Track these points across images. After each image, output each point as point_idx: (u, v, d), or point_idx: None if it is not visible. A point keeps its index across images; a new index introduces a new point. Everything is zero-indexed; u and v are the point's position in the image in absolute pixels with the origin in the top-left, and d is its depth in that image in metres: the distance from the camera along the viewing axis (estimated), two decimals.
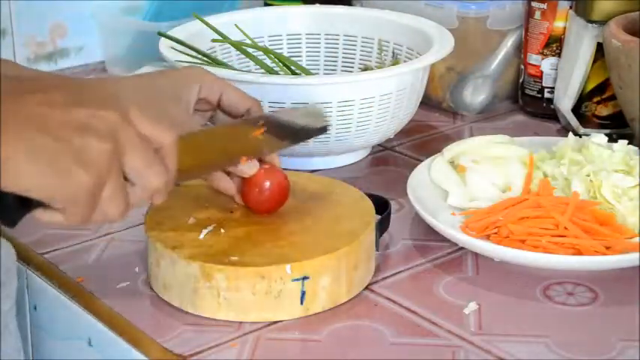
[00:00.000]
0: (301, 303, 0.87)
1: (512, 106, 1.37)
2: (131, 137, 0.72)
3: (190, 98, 0.96)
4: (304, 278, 0.86)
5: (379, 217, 0.97)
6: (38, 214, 0.71)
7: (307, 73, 1.23)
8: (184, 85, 0.96)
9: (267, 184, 0.92)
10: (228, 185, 0.94)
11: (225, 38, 1.21)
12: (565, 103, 1.26)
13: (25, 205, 0.70)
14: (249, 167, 0.92)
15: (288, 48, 1.31)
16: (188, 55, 1.15)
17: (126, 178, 0.73)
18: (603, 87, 1.23)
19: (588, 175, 1.00)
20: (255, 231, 0.91)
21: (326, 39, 1.31)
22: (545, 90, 1.31)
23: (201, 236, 0.90)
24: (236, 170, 0.92)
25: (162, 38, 1.18)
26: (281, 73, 1.21)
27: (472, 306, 0.89)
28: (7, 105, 0.68)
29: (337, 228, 0.91)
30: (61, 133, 0.68)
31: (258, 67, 1.22)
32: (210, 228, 0.91)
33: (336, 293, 0.88)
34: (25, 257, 0.99)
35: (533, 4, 1.28)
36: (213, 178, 0.94)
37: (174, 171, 0.76)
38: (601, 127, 1.24)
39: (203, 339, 0.85)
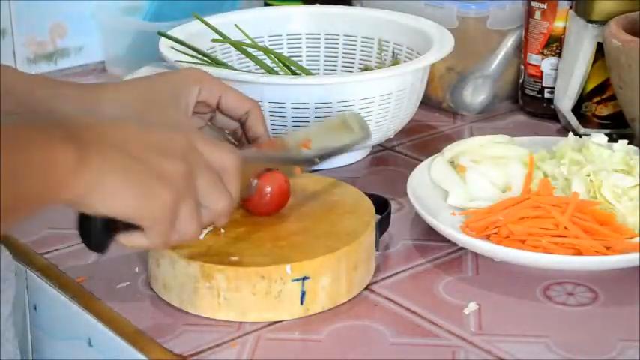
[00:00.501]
0: (301, 303, 0.87)
1: (512, 106, 1.37)
2: (199, 160, 0.75)
3: (189, 100, 0.96)
4: (304, 278, 0.86)
5: (379, 217, 0.97)
6: (123, 238, 0.74)
7: (307, 73, 1.23)
8: (183, 87, 0.97)
9: (268, 189, 0.92)
10: None
11: (225, 38, 1.21)
12: (565, 103, 1.26)
13: (110, 229, 0.74)
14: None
15: (288, 48, 1.31)
16: (188, 55, 1.15)
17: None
18: (603, 87, 1.23)
19: (588, 175, 1.00)
20: (255, 231, 0.91)
21: (326, 39, 1.31)
22: (545, 90, 1.31)
23: (201, 236, 0.90)
24: None
25: (162, 38, 1.18)
26: (281, 73, 1.21)
27: (472, 306, 0.89)
28: (89, 134, 0.70)
29: (337, 228, 0.91)
30: (143, 155, 0.71)
31: (258, 67, 1.22)
32: (210, 228, 0.91)
33: (336, 293, 0.88)
34: (25, 257, 0.99)
35: (533, 4, 1.28)
36: None
37: (237, 193, 0.79)
38: (601, 127, 1.24)
39: (203, 339, 0.85)
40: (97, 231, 0.74)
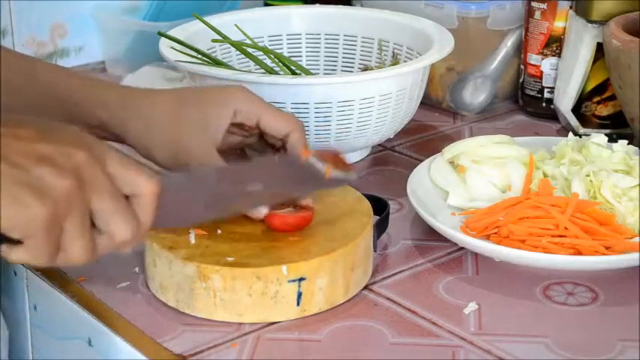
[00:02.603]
0: (298, 304, 0.86)
1: (512, 106, 1.37)
2: (98, 177, 0.70)
3: (221, 123, 0.94)
4: (301, 279, 0.86)
5: (377, 218, 0.96)
6: (4, 250, 0.70)
7: (307, 73, 1.23)
8: (216, 110, 0.94)
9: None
10: None
11: (225, 38, 1.21)
12: (565, 103, 1.26)
13: None
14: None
15: (288, 48, 1.31)
16: (188, 55, 1.15)
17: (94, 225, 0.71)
18: (603, 87, 1.23)
19: (588, 175, 1.00)
20: (251, 232, 0.91)
21: (326, 39, 1.31)
22: (545, 90, 1.31)
23: (192, 241, 0.89)
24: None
25: (163, 38, 1.18)
26: (281, 73, 1.21)
27: (472, 306, 0.89)
28: None
29: (334, 229, 0.91)
30: (20, 162, 0.67)
31: (258, 67, 1.22)
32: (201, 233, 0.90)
33: (332, 295, 0.88)
34: None
35: (533, 4, 1.28)
36: None
37: (147, 223, 0.74)
38: (601, 127, 1.24)
39: (203, 339, 0.85)
40: None
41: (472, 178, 1.04)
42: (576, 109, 1.25)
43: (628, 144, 1.06)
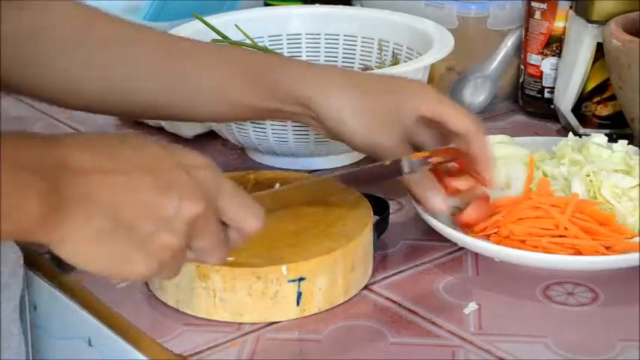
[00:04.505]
0: (297, 304, 0.86)
1: (512, 106, 1.37)
2: (208, 228, 0.72)
3: (412, 114, 0.93)
4: (300, 279, 0.86)
5: (377, 218, 0.96)
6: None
7: None
8: (409, 101, 0.94)
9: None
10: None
11: (225, 38, 1.21)
12: (565, 103, 1.26)
13: None
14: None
15: (288, 48, 1.31)
16: None
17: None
18: (603, 87, 1.23)
19: (588, 175, 1.00)
20: None
21: (326, 39, 1.31)
22: (545, 90, 1.31)
23: None
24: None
25: None
26: None
27: (472, 306, 0.89)
28: (74, 189, 0.67)
29: (334, 229, 0.91)
30: (135, 221, 0.68)
31: None
32: None
33: (332, 295, 0.88)
34: (25, 257, 0.99)
35: (533, 4, 1.28)
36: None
37: (235, 248, 0.77)
38: (601, 127, 1.24)
39: (203, 339, 0.85)
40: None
41: None
42: (576, 109, 1.25)
43: (628, 144, 1.06)
